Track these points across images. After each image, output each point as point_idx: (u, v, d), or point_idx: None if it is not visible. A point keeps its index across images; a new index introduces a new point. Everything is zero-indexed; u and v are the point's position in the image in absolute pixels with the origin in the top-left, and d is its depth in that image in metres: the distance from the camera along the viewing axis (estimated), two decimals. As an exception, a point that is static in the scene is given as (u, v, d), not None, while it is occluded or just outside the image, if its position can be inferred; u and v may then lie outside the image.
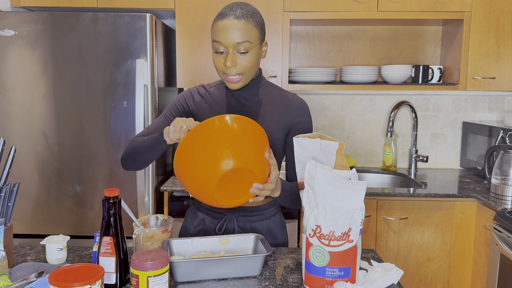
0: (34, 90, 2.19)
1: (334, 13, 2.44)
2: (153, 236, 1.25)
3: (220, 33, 1.27)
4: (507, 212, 1.96)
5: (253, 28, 1.28)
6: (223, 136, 1.15)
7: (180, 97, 1.47)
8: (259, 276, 1.20)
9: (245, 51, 1.28)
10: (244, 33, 1.27)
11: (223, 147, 1.13)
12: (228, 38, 1.26)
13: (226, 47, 1.28)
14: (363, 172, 2.80)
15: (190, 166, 1.15)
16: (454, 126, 2.87)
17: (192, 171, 1.16)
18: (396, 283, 1.15)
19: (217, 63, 1.32)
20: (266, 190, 1.21)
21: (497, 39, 2.45)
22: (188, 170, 1.16)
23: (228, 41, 1.27)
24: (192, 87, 1.49)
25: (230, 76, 1.32)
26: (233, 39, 1.26)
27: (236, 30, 1.26)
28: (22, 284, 1.09)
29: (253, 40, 1.29)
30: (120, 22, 2.13)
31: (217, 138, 1.14)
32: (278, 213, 1.53)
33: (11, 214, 1.25)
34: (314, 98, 2.86)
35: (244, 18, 1.27)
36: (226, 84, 1.35)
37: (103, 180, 2.22)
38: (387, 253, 2.31)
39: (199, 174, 1.15)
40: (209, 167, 1.13)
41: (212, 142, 1.14)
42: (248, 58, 1.30)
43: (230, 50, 1.28)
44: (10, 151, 1.27)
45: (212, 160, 1.13)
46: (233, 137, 1.16)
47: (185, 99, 1.46)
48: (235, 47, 1.27)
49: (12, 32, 2.15)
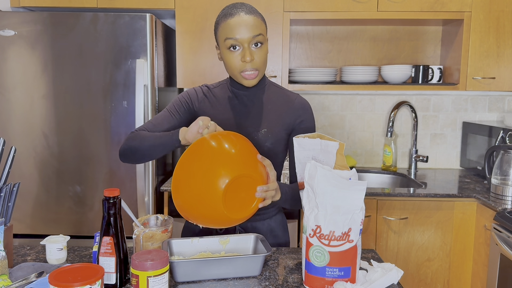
0: (34, 90, 2.19)
1: (334, 13, 2.44)
2: (153, 236, 1.25)
3: (234, 29, 1.28)
4: (507, 212, 1.96)
5: (261, 22, 1.32)
6: (211, 157, 1.14)
7: (185, 94, 1.46)
8: (259, 276, 1.20)
9: (260, 42, 1.30)
10: (257, 26, 1.29)
11: (215, 167, 1.13)
12: (244, 33, 1.28)
13: (241, 43, 1.29)
14: (363, 172, 2.80)
15: (192, 198, 1.15)
16: (454, 126, 2.87)
17: (196, 201, 1.15)
18: (396, 283, 1.15)
19: (234, 61, 1.31)
20: (271, 190, 1.21)
21: (497, 39, 2.45)
22: (192, 201, 1.15)
23: (244, 36, 1.28)
24: (197, 87, 1.49)
25: (247, 72, 1.31)
26: (249, 33, 1.28)
27: (249, 25, 1.28)
28: (22, 284, 1.09)
29: (264, 33, 1.32)
30: (120, 22, 2.13)
31: (206, 162, 1.14)
32: (280, 213, 1.53)
33: (11, 214, 1.25)
34: (314, 98, 2.86)
35: (253, 13, 1.30)
36: (242, 82, 1.34)
37: (103, 180, 2.22)
38: (387, 253, 2.31)
39: (203, 202, 1.14)
40: (210, 190, 1.13)
41: (202, 168, 1.13)
42: (263, 51, 1.32)
43: (246, 45, 1.29)
44: (10, 151, 1.27)
45: (210, 183, 1.12)
46: (220, 153, 1.15)
47: (190, 97, 1.45)
48: (251, 41, 1.29)
49: (12, 32, 2.15)
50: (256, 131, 1.40)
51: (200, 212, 1.16)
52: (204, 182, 1.13)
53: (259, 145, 1.40)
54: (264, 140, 1.39)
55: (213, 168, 1.13)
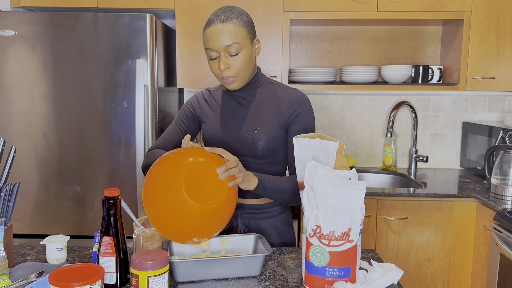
0: (34, 90, 2.19)
1: (334, 13, 2.44)
2: (153, 236, 1.25)
3: (209, 39, 1.32)
4: (507, 212, 1.96)
5: (239, 28, 1.32)
6: (162, 174, 1.18)
7: (188, 103, 1.54)
8: (259, 276, 1.20)
9: (235, 52, 1.32)
10: (231, 35, 1.31)
11: (168, 176, 1.16)
12: (216, 43, 1.31)
13: (218, 52, 1.32)
14: (363, 172, 2.80)
15: (167, 216, 1.16)
16: (454, 126, 2.87)
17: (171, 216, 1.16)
18: (396, 283, 1.15)
19: (213, 69, 1.37)
20: (233, 168, 1.21)
21: (497, 39, 2.45)
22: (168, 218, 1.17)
23: (217, 45, 1.31)
24: (199, 92, 1.55)
25: (225, 79, 1.36)
26: (222, 43, 1.31)
27: (223, 34, 1.30)
28: (22, 284, 1.09)
29: (241, 40, 1.32)
30: (120, 22, 2.13)
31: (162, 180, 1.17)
32: (285, 211, 1.54)
33: (11, 214, 1.25)
34: (314, 98, 2.86)
35: (229, 21, 1.31)
36: (226, 86, 1.39)
37: (103, 180, 2.22)
38: (387, 253, 2.31)
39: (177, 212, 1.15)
40: (174, 196, 1.15)
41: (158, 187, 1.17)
42: (240, 58, 1.33)
43: (222, 54, 1.32)
44: (10, 151, 1.27)
45: (170, 190, 1.15)
46: (169, 164, 1.19)
47: (192, 105, 1.53)
48: (226, 50, 1.32)
49: (12, 32, 2.15)
50: (250, 130, 1.41)
51: (181, 223, 1.16)
52: (167, 194, 1.15)
53: (253, 144, 1.41)
54: (258, 139, 1.40)
55: (168, 177, 1.16)
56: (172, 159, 1.20)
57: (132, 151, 2.19)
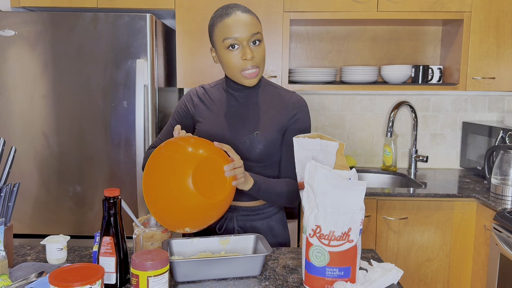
0: (34, 90, 2.19)
1: (334, 13, 2.44)
2: (153, 236, 1.25)
3: (232, 28, 1.28)
4: (507, 212, 1.96)
5: (257, 21, 1.33)
6: (171, 158, 1.18)
7: (182, 101, 1.51)
8: (259, 276, 1.20)
9: (258, 40, 1.31)
10: (255, 24, 1.30)
11: (178, 163, 1.16)
12: (242, 32, 1.28)
13: (240, 41, 1.29)
14: (363, 172, 2.80)
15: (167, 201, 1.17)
16: (454, 126, 2.87)
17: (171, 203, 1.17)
18: (396, 283, 1.15)
19: (233, 60, 1.31)
20: (239, 168, 1.22)
21: (497, 39, 2.45)
22: (168, 204, 1.17)
23: (243, 34, 1.28)
24: (192, 89, 1.51)
25: (248, 71, 1.32)
26: (248, 31, 1.28)
27: (247, 23, 1.29)
28: (22, 284, 1.09)
29: (261, 31, 1.33)
30: (120, 22, 2.13)
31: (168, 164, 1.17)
32: (280, 212, 1.53)
33: (11, 214, 1.25)
34: (314, 98, 2.86)
35: (249, 12, 1.31)
36: (243, 81, 1.35)
37: (103, 180, 2.22)
38: (387, 253, 2.31)
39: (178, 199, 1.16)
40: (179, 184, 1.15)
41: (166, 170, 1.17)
42: (261, 48, 1.33)
43: (245, 43, 1.29)
44: (10, 151, 1.27)
45: (177, 177, 1.15)
46: (178, 151, 1.18)
47: (186, 103, 1.49)
48: (250, 39, 1.29)
49: (12, 32, 2.15)
50: (249, 133, 1.40)
51: (178, 211, 1.17)
52: (171, 180, 1.16)
53: (252, 147, 1.39)
54: (257, 142, 1.39)
55: (176, 164, 1.16)
56: (181, 147, 1.19)
57: (132, 151, 2.19)
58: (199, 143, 1.21)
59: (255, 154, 1.40)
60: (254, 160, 1.41)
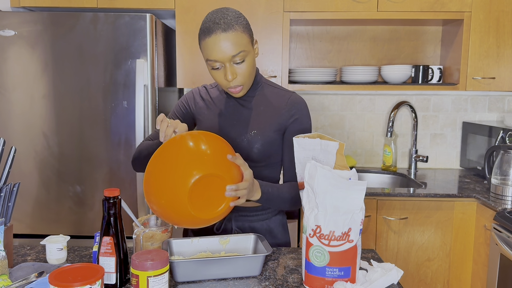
0: (34, 90, 2.19)
1: (334, 13, 2.44)
2: (153, 236, 1.25)
3: (212, 51, 1.24)
4: (507, 212, 1.96)
5: (242, 34, 1.25)
6: (181, 155, 1.12)
7: (183, 99, 1.50)
8: (259, 276, 1.20)
9: (241, 60, 1.26)
10: (236, 43, 1.23)
11: (183, 165, 1.11)
12: (221, 54, 1.23)
13: (222, 62, 1.26)
14: (363, 172, 2.80)
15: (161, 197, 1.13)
16: (454, 126, 2.87)
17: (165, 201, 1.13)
18: (396, 283, 1.15)
19: (218, 79, 1.30)
20: (242, 190, 1.17)
21: (497, 39, 2.45)
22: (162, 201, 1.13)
23: (222, 56, 1.24)
24: (195, 88, 1.51)
25: (232, 89, 1.32)
26: (227, 53, 1.23)
27: (227, 43, 1.22)
28: (22, 284, 1.09)
29: (245, 47, 1.26)
30: (120, 22, 2.13)
31: (176, 159, 1.12)
32: (280, 213, 1.53)
33: (11, 214, 1.25)
34: (314, 98, 2.86)
35: (231, 29, 1.23)
36: (232, 95, 1.36)
37: (103, 180, 2.22)
38: (387, 253, 2.31)
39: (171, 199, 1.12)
40: (177, 187, 1.10)
41: (172, 165, 1.12)
42: (246, 65, 1.28)
43: (227, 64, 1.26)
44: (10, 151, 1.27)
45: (178, 180, 1.10)
46: (190, 152, 1.13)
47: (187, 101, 1.49)
48: (231, 60, 1.25)
49: (12, 32, 2.15)
50: (246, 133, 1.40)
51: (172, 211, 1.13)
52: (171, 181, 1.11)
53: (249, 147, 1.39)
54: (254, 142, 1.39)
55: (181, 166, 1.11)
56: (193, 151, 1.13)
57: (132, 151, 2.19)
58: (215, 152, 1.15)
59: (253, 154, 1.40)
60: (253, 160, 1.41)
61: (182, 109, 1.49)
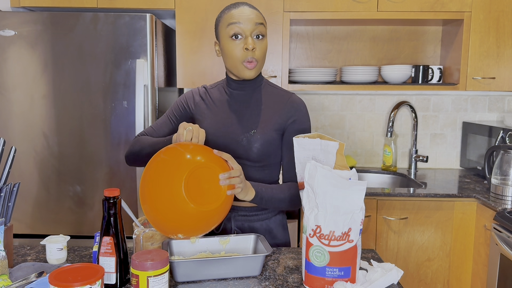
0: (34, 90, 2.19)
1: (334, 13, 2.44)
2: (153, 236, 1.25)
3: (238, 16, 1.33)
4: (507, 212, 1.96)
5: (263, 18, 1.37)
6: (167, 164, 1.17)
7: (182, 98, 1.50)
8: (259, 276, 1.20)
9: (261, 34, 1.34)
10: (259, 17, 1.34)
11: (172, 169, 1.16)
12: (247, 23, 1.31)
13: (244, 32, 1.32)
14: (363, 172, 2.80)
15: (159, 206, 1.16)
16: (454, 126, 2.87)
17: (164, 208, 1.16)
18: (396, 283, 1.15)
19: (235, 50, 1.34)
20: (235, 177, 1.20)
21: (497, 39, 2.45)
22: (161, 209, 1.16)
23: (247, 25, 1.32)
24: (195, 88, 1.52)
25: (248, 62, 1.34)
26: (253, 20, 1.32)
27: (252, 16, 1.33)
28: (22, 284, 1.09)
29: (265, 27, 1.36)
30: (120, 22, 2.13)
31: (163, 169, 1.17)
32: (280, 213, 1.53)
33: (11, 214, 1.25)
34: (314, 98, 2.86)
35: (256, 10, 1.36)
36: (243, 72, 1.36)
37: (103, 180, 2.22)
38: (387, 253, 2.31)
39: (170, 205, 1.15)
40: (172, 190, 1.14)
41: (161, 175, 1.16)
42: (263, 43, 1.36)
43: (248, 34, 1.32)
44: (10, 151, 1.27)
45: (170, 183, 1.14)
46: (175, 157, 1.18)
47: (187, 100, 1.49)
48: (253, 31, 1.32)
49: (12, 32, 2.15)
50: (246, 132, 1.40)
51: (171, 216, 1.16)
52: (164, 185, 1.15)
53: (249, 146, 1.39)
54: (253, 141, 1.39)
55: (171, 169, 1.16)
56: (179, 153, 1.19)
57: (132, 151, 2.19)
58: (197, 150, 1.20)
59: (253, 154, 1.40)
60: (252, 160, 1.41)
61: (181, 108, 1.49)
